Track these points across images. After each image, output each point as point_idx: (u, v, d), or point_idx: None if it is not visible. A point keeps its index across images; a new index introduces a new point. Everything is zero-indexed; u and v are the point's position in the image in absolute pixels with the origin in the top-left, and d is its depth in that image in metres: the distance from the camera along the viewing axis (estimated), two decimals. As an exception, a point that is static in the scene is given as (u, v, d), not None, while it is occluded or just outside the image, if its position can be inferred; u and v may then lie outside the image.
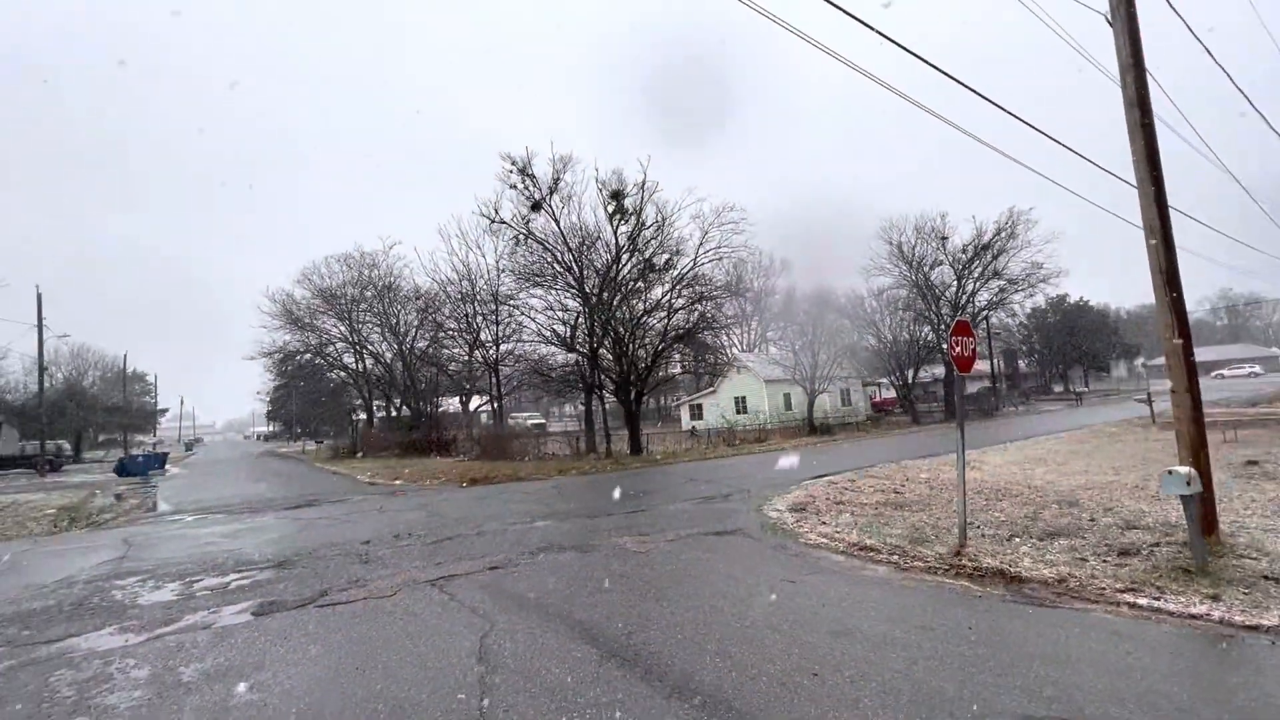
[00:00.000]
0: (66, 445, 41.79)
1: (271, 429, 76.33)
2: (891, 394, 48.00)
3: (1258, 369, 66.64)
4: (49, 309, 32.55)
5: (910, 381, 39.92)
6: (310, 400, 47.78)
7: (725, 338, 51.48)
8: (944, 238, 37.24)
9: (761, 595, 5.79)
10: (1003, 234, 36.18)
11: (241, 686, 4.19)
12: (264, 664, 4.58)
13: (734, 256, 27.92)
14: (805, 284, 47.54)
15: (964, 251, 37.13)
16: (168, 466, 32.96)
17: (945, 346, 32.77)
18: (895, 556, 6.87)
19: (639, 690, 3.83)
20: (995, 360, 51.05)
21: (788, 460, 18.92)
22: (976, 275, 37.67)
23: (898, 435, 28.36)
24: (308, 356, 41.35)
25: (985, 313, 40.72)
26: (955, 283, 37.95)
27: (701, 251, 25.40)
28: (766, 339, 58.47)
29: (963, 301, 37.68)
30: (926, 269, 38.00)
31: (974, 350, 7.62)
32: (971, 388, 46.59)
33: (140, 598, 6.75)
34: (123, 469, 28.92)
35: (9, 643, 5.42)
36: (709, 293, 26.59)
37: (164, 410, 74.68)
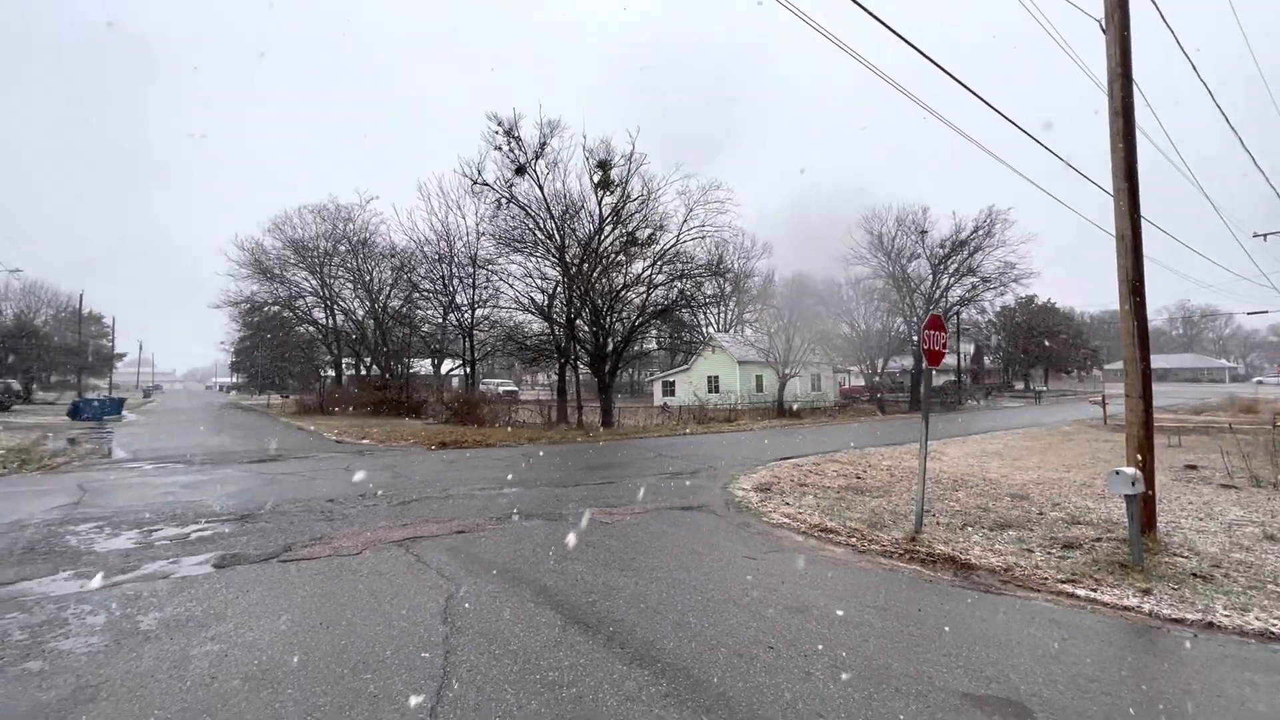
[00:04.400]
0: (16, 384, 40.23)
1: (235, 380, 74.52)
2: (860, 382, 48.93)
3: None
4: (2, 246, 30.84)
5: (879, 371, 40.77)
6: (277, 353, 46.66)
7: (703, 316, 51.73)
8: (924, 231, 37.77)
9: (723, 570, 5.95)
10: (980, 231, 36.84)
11: (202, 637, 4.18)
12: (225, 616, 4.57)
13: (717, 236, 27.89)
14: (785, 268, 47.90)
15: (942, 246, 37.72)
16: (124, 413, 32.03)
17: (917, 339, 33.43)
18: (854, 539, 7.10)
19: (600, 656, 3.94)
20: (962, 355, 52.35)
21: (756, 441, 19.25)
22: (952, 271, 38.35)
23: (864, 422, 29.02)
24: (276, 309, 40.25)
25: (957, 308, 41.56)
26: (931, 277, 38.59)
27: (685, 229, 25.35)
28: (743, 320, 58.80)
29: (936, 296, 38.37)
30: (904, 261, 38.56)
31: (945, 344, 7.81)
32: (937, 381, 47.80)
33: (96, 544, 6.62)
34: (77, 412, 28.00)
35: (-44, 584, 5.29)
36: (690, 270, 26.60)
37: (122, 355, 72.28)
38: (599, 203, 25.22)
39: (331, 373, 42.59)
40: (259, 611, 4.67)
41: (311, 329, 41.30)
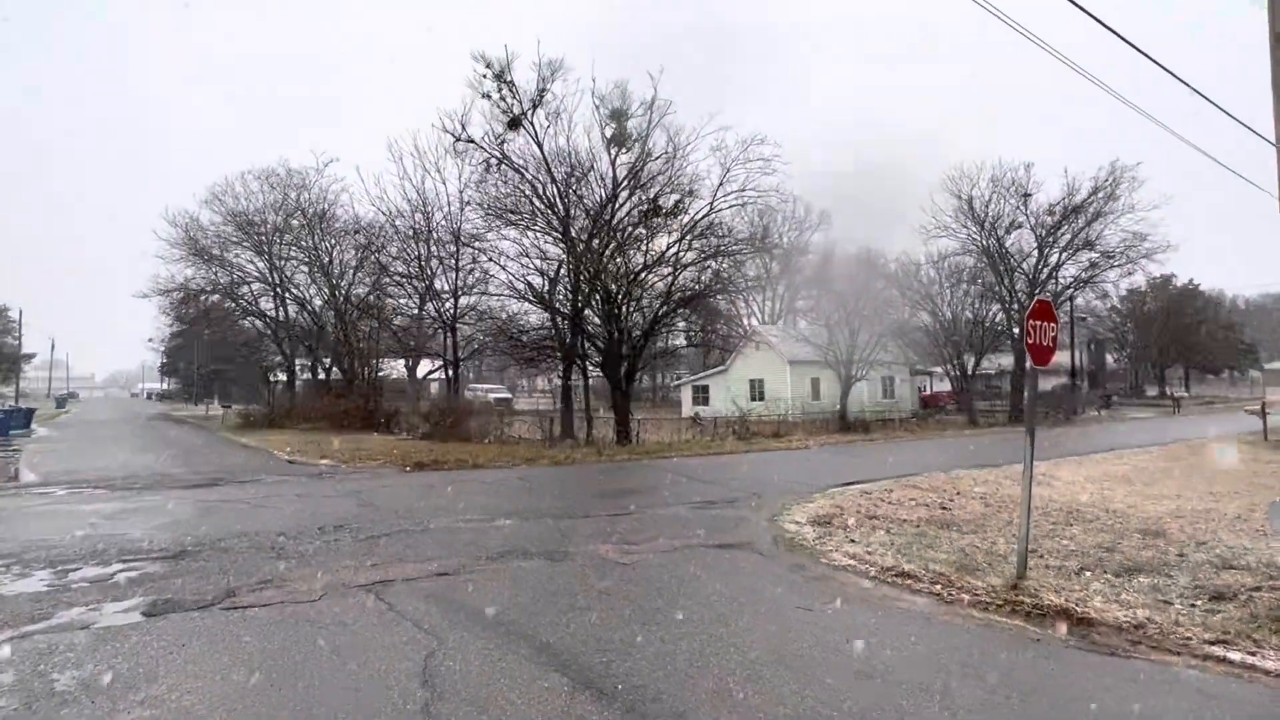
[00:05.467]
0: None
1: (167, 387, 76.40)
2: (945, 386, 48.37)
3: None
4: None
5: (970, 372, 40.20)
6: (217, 354, 47.74)
7: (743, 304, 51.60)
8: (1027, 194, 37.14)
9: (771, 624, 5.93)
10: (1100, 194, 36.06)
11: (130, 700, 4.28)
12: (157, 675, 4.67)
13: (761, 203, 27.87)
14: (848, 242, 47.44)
15: (1050, 213, 37.08)
16: (33, 425, 32.98)
17: (1019, 331, 33.03)
18: (938, 586, 7.02)
19: (618, 730, 3.95)
20: (1077, 352, 51.40)
21: (812, 461, 19.13)
22: (1063, 244, 37.74)
23: (950, 438, 28.70)
24: (215, 298, 41.14)
25: (1070, 292, 40.89)
26: (1036, 252, 37.98)
27: (721, 194, 25.34)
28: (794, 309, 58.55)
29: (1043, 276, 37.81)
30: (1001, 232, 37.93)
31: (1054, 339, 7.69)
32: (1046, 384, 47.02)
33: (1, 587, 6.83)
34: (-24, 426, 28.90)
35: None
36: (727, 247, 26.55)
37: (30, 356, 74.42)
38: (612, 162, 25.36)
39: (283, 377, 43.38)
40: (197, 671, 4.77)
41: (258, 323, 42.11)
